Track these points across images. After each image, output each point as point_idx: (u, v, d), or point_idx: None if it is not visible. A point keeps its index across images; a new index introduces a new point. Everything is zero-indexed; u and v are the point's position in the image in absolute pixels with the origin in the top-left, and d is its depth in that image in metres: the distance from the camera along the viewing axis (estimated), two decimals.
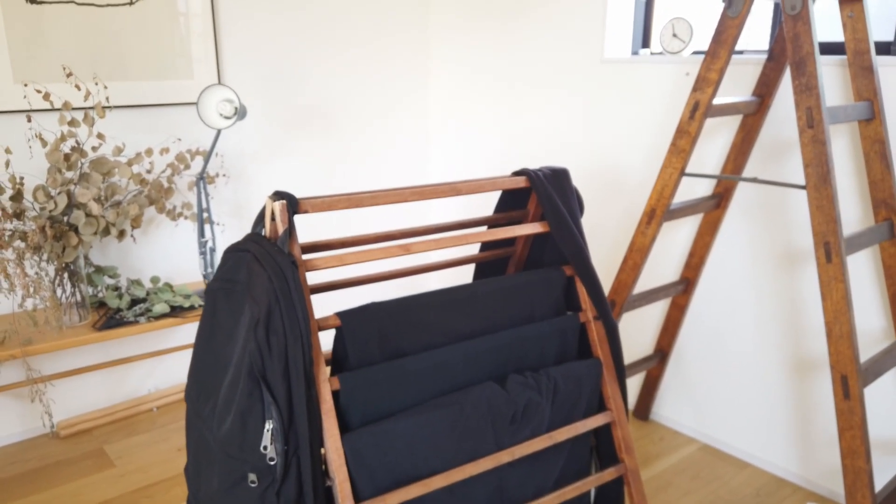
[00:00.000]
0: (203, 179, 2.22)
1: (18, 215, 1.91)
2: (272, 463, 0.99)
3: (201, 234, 2.26)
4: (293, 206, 1.07)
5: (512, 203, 1.42)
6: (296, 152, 2.64)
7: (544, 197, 1.31)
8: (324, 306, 2.74)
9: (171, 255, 2.44)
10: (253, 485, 1.00)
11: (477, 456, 1.16)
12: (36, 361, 2.22)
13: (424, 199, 1.17)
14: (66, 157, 1.89)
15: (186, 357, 2.57)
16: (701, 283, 2.13)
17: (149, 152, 2.08)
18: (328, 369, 1.13)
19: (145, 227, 2.36)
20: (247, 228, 2.59)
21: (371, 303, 1.12)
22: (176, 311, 2.15)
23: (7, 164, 1.92)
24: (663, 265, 2.22)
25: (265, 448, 0.98)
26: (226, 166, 2.46)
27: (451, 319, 1.20)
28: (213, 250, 2.28)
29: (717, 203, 1.97)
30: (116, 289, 2.22)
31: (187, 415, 1.12)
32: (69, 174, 1.96)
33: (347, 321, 1.09)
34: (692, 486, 2.00)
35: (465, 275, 2.78)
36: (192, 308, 2.17)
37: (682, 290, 2.08)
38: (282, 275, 1.01)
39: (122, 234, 2.16)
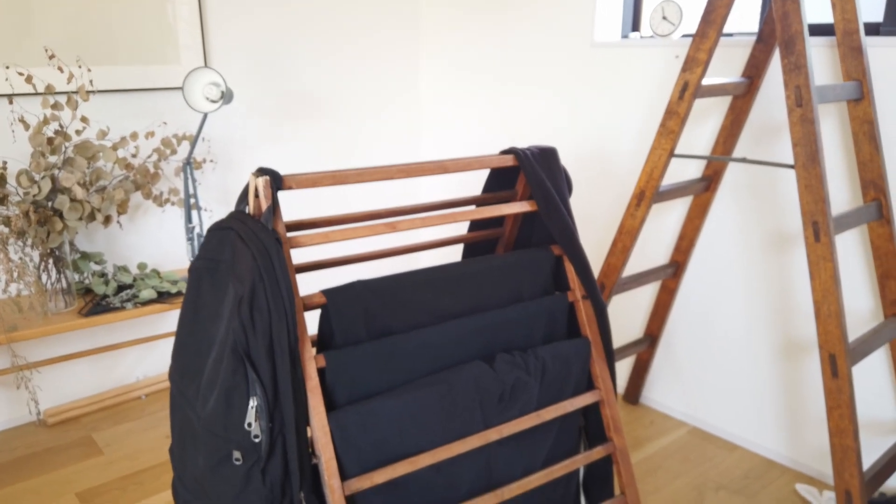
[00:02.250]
0: (190, 164, 2.20)
1: (1, 200, 1.89)
2: (257, 441, 0.98)
3: (188, 219, 2.24)
4: (277, 182, 1.06)
5: (500, 183, 1.41)
6: (284, 139, 2.62)
7: (532, 176, 1.30)
8: (310, 286, 2.73)
9: (159, 242, 2.42)
10: (238, 463, 0.99)
11: (465, 435, 1.16)
12: (21, 348, 2.20)
13: (411, 177, 1.16)
14: (50, 140, 1.86)
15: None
16: (690, 266, 2.13)
17: (134, 136, 2.06)
18: (314, 348, 1.11)
19: (132, 213, 2.34)
20: None
21: (357, 281, 1.11)
22: (163, 297, 2.13)
23: None
24: (653, 248, 2.22)
25: (249, 426, 0.97)
26: (213, 152, 2.44)
27: (438, 299, 1.19)
28: (200, 236, 2.26)
29: (707, 186, 1.97)
30: (103, 275, 2.20)
31: (171, 395, 1.11)
32: (53, 158, 1.94)
33: (333, 299, 1.08)
34: (682, 468, 2.01)
35: (453, 256, 2.77)
36: (179, 294, 2.15)
37: (672, 273, 2.08)
38: (265, 252, 0.99)
39: (108, 219, 2.14)
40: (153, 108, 2.27)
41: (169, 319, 2.51)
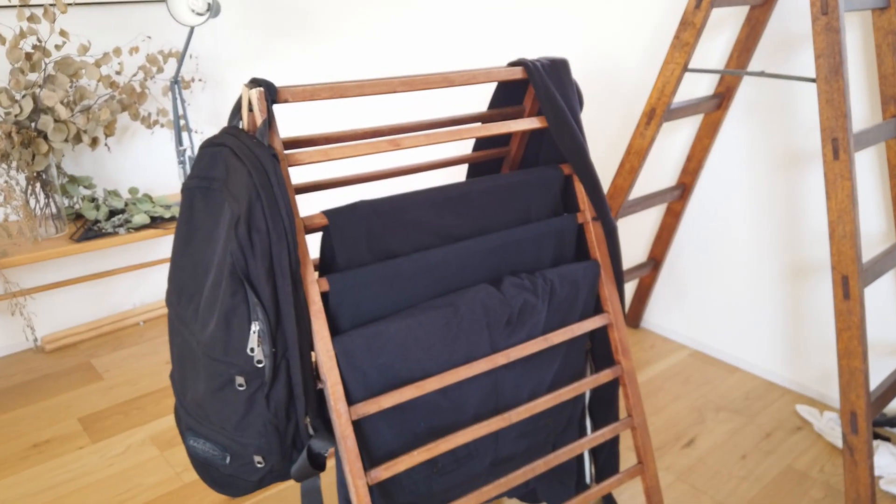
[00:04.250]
0: (178, 83, 2.10)
1: None
2: (260, 365, 0.95)
3: (179, 142, 2.16)
4: (272, 94, 0.99)
5: (507, 98, 1.34)
6: (276, 56, 2.51)
7: (542, 90, 1.22)
8: (310, 209, 2.67)
9: (148, 165, 2.34)
10: (241, 388, 0.96)
11: (471, 358, 1.13)
12: (13, 275, 2.16)
13: (415, 90, 1.09)
14: (28, 56, 1.76)
15: None
16: (697, 188, 2.08)
17: (117, 52, 1.95)
18: (316, 272, 1.07)
19: (119, 135, 2.25)
20: None
21: (360, 200, 1.06)
22: (156, 222, 2.07)
23: None
24: (659, 170, 2.16)
25: (252, 350, 0.93)
26: (201, 70, 2.33)
27: (443, 219, 1.14)
28: (192, 159, 2.18)
29: (719, 103, 1.89)
30: (93, 200, 2.14)
31: (169, 320, 1.07)
32: (33, 76, 1.84)
33: (335, 219, 1.03)
34: (682, 390, 2.01)
35: (455, 176, 2.70)
36: (172, 219, 2.10)
37: (679, 195, 2.03)
38: (262, 168, 0.93)
39: (94, 141, 2.05)
40: (136, 21, 2.15)
41: (163, 245, 2.46)
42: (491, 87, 2.60)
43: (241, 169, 0.95)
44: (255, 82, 0.99)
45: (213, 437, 1.02)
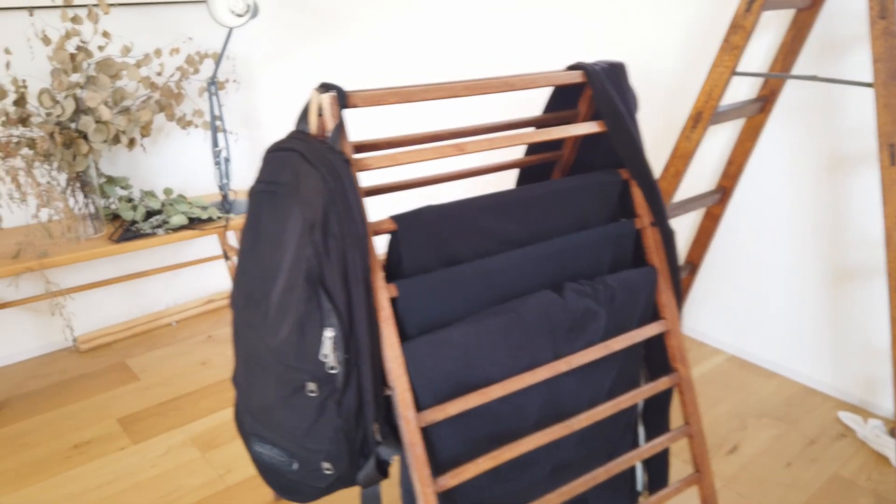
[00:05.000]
0: (214, 84, 2.10)
1: (24, 121, 1.80)
2: (332, 372, 0.94)
3: (215, 143, 2.16)
4: (343, 99, 0.98)
5: (563, 102, 1.33)
6: (306, 56, 2.50)
7: (601, 93, 1.21)
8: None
9: (182, 166, 2.34)
10: (312, 394, 0.96)
11: (534, 365, 1.12)
12: (52, 275, 2.16)
13: (476, 94, 1.08)
14: (73, 56, 1.76)
15: (202, 270, 2.52)
16: (737, 191, 2.06)
17: (158, 53, 1.95)
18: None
19: (154, 135, 2.26)
20: (258, 137, 2.49)
21: (426, 206, 1.05)
22: (193, 223, 2.07)
23: (7, 65, 1.79)
24: (697, 174, 2.14)
25: (325, 357, 0.93)
26: (237, 71, 2.33)
27: (504, 225, 1.14)
28: (227, 160, 2.19)
29: (762, 107, 1.87)
30: (129, 200, 2.14)
31: (235, 324, 1.07)
32: (75, 77, 1.84)
33: (403, 224, 1.02)
34: (721, 395, 2.00)
35: (502, 180, 2.67)
36: (209, 220, 2.10)
37: (719, 199, 2.01)
38: (336, 174, 0.93)
39: (132, 142, 2.06)
40: (175, 22, 2.15)
41: (195, 246, 2.46)
42: (532, 91, 2.59)
43: (313, 174, 0.94)
44: (325, 87, 0.99)
45: (281, 443, 1.02)
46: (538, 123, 1.33)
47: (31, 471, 1.71)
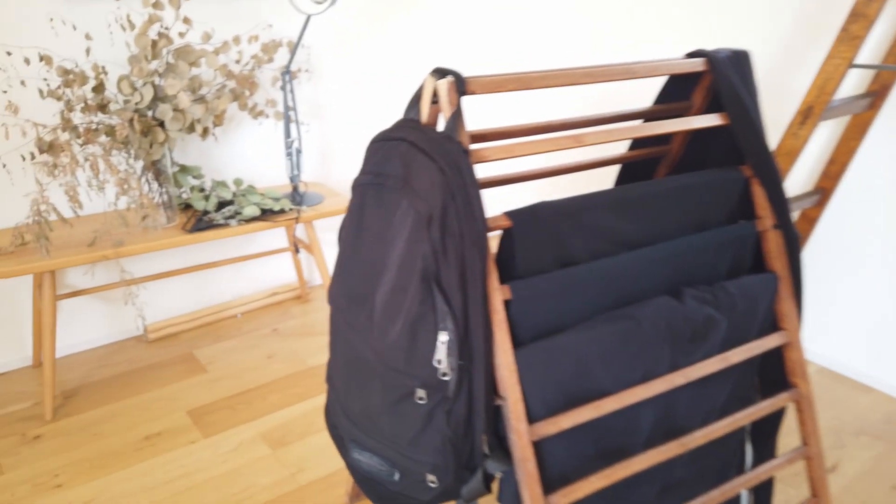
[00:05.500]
0: (288, 73, 2.05)
1: (103, 108, 1.78)
2: (445, 378, 0.87)
3: (287, 133, 2.11)
4: (461, 85, 0.91)
5: (677, 92, 1.23)
6: (376, 45, 2.44)
7: (725, 84, 1.12)
8: None
9: (253, 156, 2.31)
10: (421, 402, 0.89)
11: (649, 376, 1.04)
12: (125, 263, 2.15)
13: (596, 82, 1.00)
14: (154, 43, 1.73)
15: (267, 263, 2.49)
16: (836, 193, 1.93)
17: (236, 40, 1.91)
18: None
19: (225, 125, 2.23)
20: (327, 129, 2.44)
21: (542, 202, 0.97)
22: (265, 215, 2.03)
23: (88, 51, 1.78)
24: (795, 173, 2.01)
25: (438, 362, 0.86)
26: (311, 61, 2.28)
27: (619, 223, 1.05)
28: (299, 151, 2.14)
29: (871, 103, 1.74)
30: (202, 190, 2.11)
31: (333, 322, 1.01)
32: (154, 64, 1.81)
33: (518, 221, 0.94)
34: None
35: (593, 180, 2.56)
36: (282, 211, 2.06)
37: (817, 201, 1.89)
38: (456, 166, 0.86)
39: (205, 131, 2.02)
40: (253, 10, 2.11)
41: (260, 238, 2.43)
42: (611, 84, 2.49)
43: (429, 166, 0.87)
44: (440, 72, 0.92)
45: (382, 452, 0.95)
46: (648, 116, 1.24)
47: (104, 462, 1.69)
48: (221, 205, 2.07)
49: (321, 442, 1.76)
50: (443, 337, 0.85)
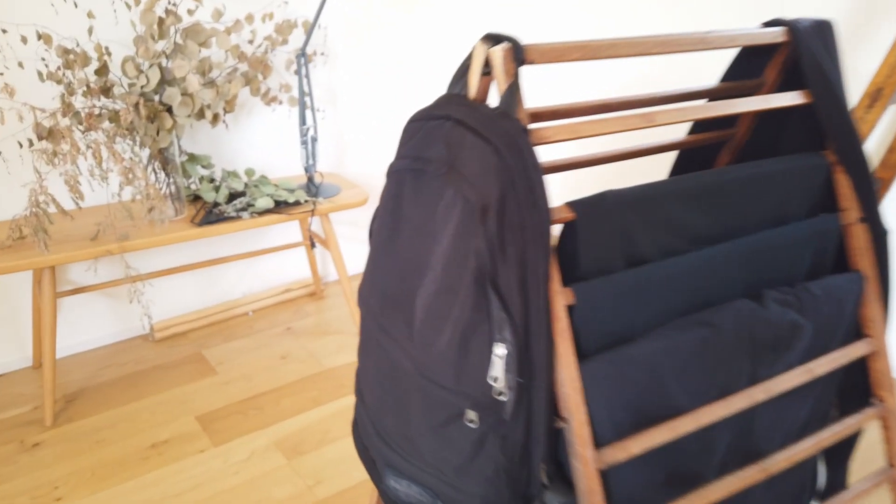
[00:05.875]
0: (304, 56, 1.92)
1: (106, 91, 1.66)
2: (501, 398, 0.74)
3: (303, 120, 1.98)
4: (519, 53, 0.77)
5: (747, 68, 1.10)
6: (400, 21, 2.31)
7: (808, 56, 0.98)
8: None
9: (266, 145, 2.18)
10: (471, 425, 0.76)
11: (727, 391, 0.90)
12: (130, 258, 2.03)
13: (668, 53, 0.86)
14: (161, 21, 1.60)
15: (279, 258, 2.36)
16: None
17: (249, 19, 1.78)
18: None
19: (236, 111, 2.10)
20: (343, 117, 2.31)
21: (608, 190, 0.84)
22: (279, 207, 1.91)
23: (90, 30, 1.65)
24: None
25: (495, 379, 0.73)
26: (328, 43, 2.14)
27: (691, 216, 0.92)
28: (315, 140, 2.01)
29: None
30: (211, 180, 1.99)
31: (365, 328, 0.88)
32: (160, 44, 1.68)
33: (583, 213, 0.81)
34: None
35: (642, 168, 2.39)
36: (297, 203, 1.93)
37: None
38: (517, 148, 0.72)
39: (215, 118, 1.90)
40: None
41: (272, 231, 2.31)
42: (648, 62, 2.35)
43: (482, 147, 0.74)
44: (493, 38, 0.78)
45: (424, 480, 0.83)
46: (712, 95, 1.11)
47: (107, 472, 1.57)
48: (232, 196, 1.94)
49: (340, 451, 1.64)
50: (500, 350, 0.72)
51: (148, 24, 1.57)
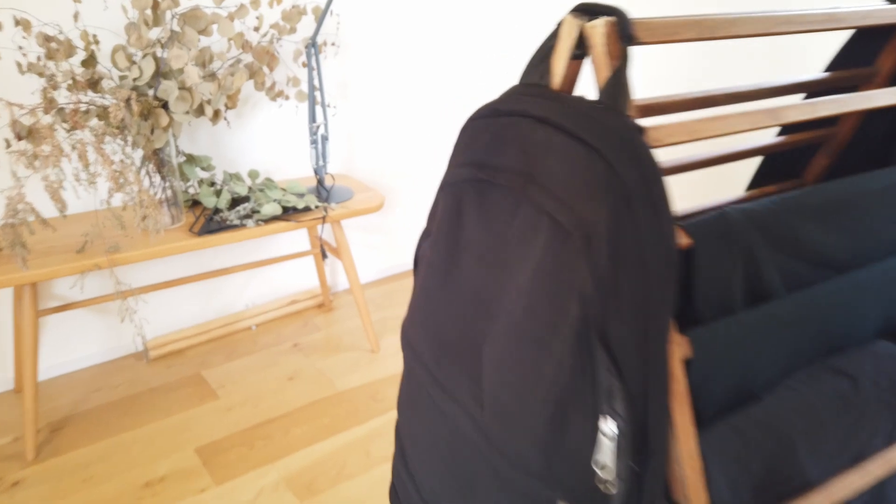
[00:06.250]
0: (314, 46, 1.73)
1: (94, 85, 1.47)
2: (609, 491, 0.56)
3: (312, 117, 1.80)
4: (625, 29, 0.59)
5: (858, 55, 0.92)
6: (415, 10, 2.12)
7: None
8: None
9: (271, 144, 1.99)
10: None
11: (862, 455, 0.72)
12: (121, 272, 1.84)
13: (795, 32, 0.68)
14: (156, 4, 1.41)
15: (284, 267, 2.17)
16: None
17: (255, 4, 1.59)
18: None
19: (239, 107, 1.91)
20: (356, 112, 2.12)
21: (729, 208, 0.66)
22: (287, 213, 1.72)
23: (76, 16, 1.46)
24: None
25: (602, 467, 0.55)
26: (341, 32, 1.96)
27: (818, 235, 0.74)
28: (325, 139, 1.82)
29: None
30: (212, 184, 1.80)
31: (411, 375, 0.69)
32: (155, 32, 1.49)
33: (702, 238, 0.63)
34: None
35: (710, 179, 2.24)
36: (307, 209, 1.74)
37: None
38: (633, 155, 0.54)
39: (216, 114, 1.71)
40: None
41: (281, 239, 2.12)
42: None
43: (577, 152, 0.55)
44: (587, 10, 0.60)
45: None
46: (811, 88, 0.92)
47: None
48: (235, 202, 1.76)
49: (358, 490, 1.46)
50: (609, 427, 0.54)
51: (141, 8, 1.38)
